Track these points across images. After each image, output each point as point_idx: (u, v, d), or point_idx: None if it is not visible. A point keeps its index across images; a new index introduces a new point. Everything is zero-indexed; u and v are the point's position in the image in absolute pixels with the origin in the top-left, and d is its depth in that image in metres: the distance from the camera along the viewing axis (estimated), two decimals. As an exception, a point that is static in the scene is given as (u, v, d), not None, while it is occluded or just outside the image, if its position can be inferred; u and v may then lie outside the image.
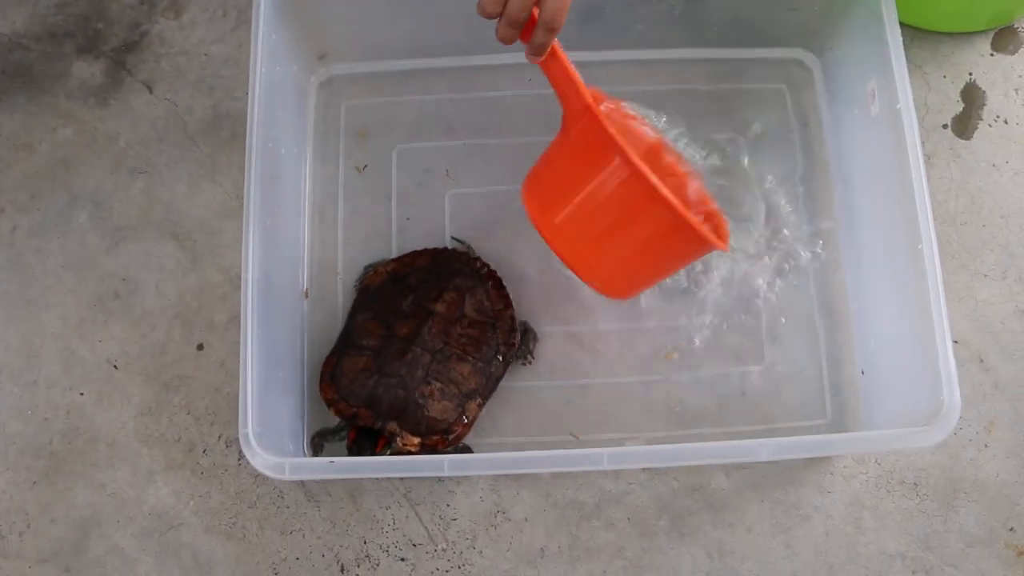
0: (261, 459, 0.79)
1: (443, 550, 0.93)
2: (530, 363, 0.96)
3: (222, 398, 0.97)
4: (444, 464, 0.78)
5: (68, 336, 0.99)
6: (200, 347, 0.99)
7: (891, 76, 0.87)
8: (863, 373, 0.94)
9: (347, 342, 0.94)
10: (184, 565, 0.93)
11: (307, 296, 0.99)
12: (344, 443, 0.92)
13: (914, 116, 0.85)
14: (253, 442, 0.79)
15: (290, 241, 0.97)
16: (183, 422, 0.97)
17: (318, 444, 0.94)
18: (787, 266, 0.98)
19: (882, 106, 0.89)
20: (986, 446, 0.94)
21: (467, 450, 0.93)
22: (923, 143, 1.01)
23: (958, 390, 0.79)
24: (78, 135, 1.05)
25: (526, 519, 0.93)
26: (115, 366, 0.99)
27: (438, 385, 0.91)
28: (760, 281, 0.98)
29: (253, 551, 0.93)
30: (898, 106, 0.86)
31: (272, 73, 0.91)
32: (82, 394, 0.98)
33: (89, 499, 0.95)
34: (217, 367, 0.98)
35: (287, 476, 0.79)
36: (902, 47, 0.88)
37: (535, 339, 0.97)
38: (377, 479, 0.94)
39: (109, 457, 0.96)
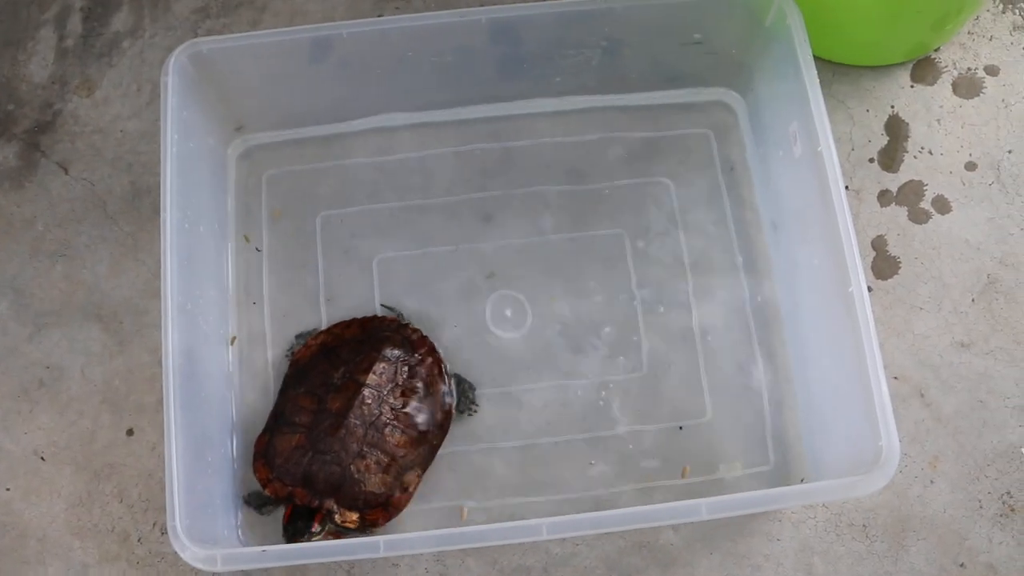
0: (191, 553, 0.77)
1: (390, 625, 0.91)
2: (474, 412, 0.95)
3: (155, 483, 0.95)
4: (380, 545, 0.76)
5: (-8, 430, 0.96)
6: (130, 432, 0.96)
7: (810, 117, 0.87)
8: (803, 419, 0.93)
9: (279, 419, 0.92)
10: (123, 661, 0.90)
11: (233, 343, 0.97)
12: (276, 510, 0.90)
13: (835, 158, 0.85)
14: (182, 535, 0.77)
15: (214, 320, 0.94)
16: (116, 511, 0.94)
17: (254, 504, 0.92)
18: (723, 313, 0.97)
19: (804, 148, 0.88)
20: (932, 482, 0.94)
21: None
22: (850, 178, 1.02)
23: (896, 436, 0.78)
24: (-6, 221, 1.03)
25: (470, 584, 0.92)
26: (42, 457, 0.96)
27: (374, 458, 0.89)
28: (695, 329, 0.97)
29: (195, 641, 0.91)
30: (819, 148, 0.85)
31: (186, 148, 0.90)
32: (8, 489, 0.95)
33: (21, 599, 0.92)
34: (148, 452, 0.96)
35: (219, 568, 0.77)
36: (819, 88, 0.88)
37: (472, 388, 0.95)
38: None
39: (39, 553, 0.93)
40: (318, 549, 0.81)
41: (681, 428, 0.94)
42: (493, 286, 0.99)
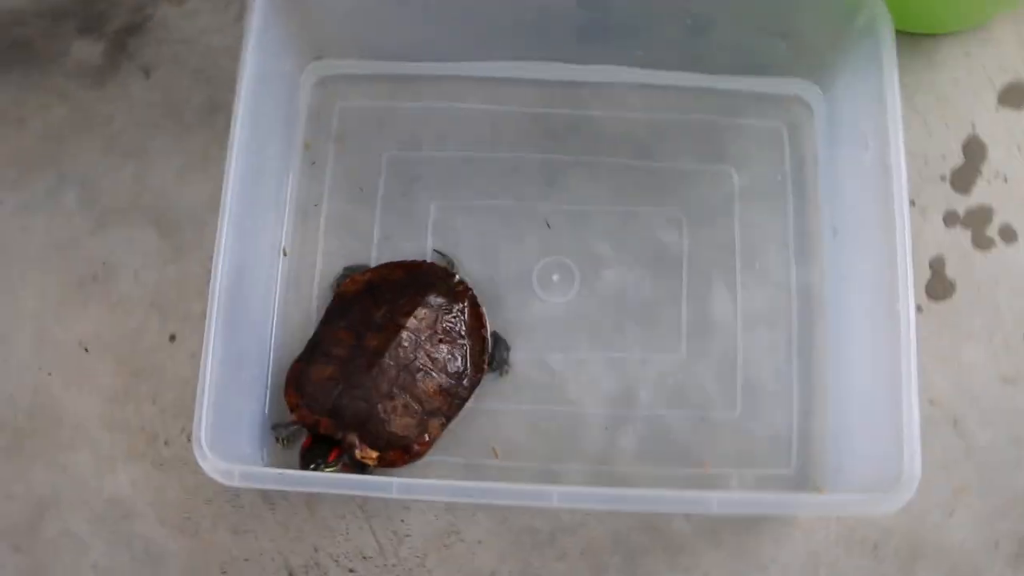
0: (211, 463, 0.79)
1: (393, 566, 0.92)
2: (506, 373, 0.95)
3: (190, 391, 0.94)
4: (392, 486, 0.78)
5: (43, 315, 0.99)
6: (173, 338, 0.99)
7: (885, 125, 0.85)
8: (831, 428, 0.93)
9: (316, 349, 0.94)
10: (135, 555, 0.93)
11: (285, 254, 0.98)
12: (298, 444, 0.92)
13: (904, 169, 0.83)
14: (204, 445, 0.79)
15: (269, 241, 0.96)
16: (148, 412, 0.97)
17: (279, 436, 0.93)
18: (767, 310, 0.97)
19: (875, 155, 0.86)
20: (952, 513, 0.92)
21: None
22: (918, 194, 1.00)
23: (919, 460, 0.77)
24: (72, 114, 1.05)
25: (479, 542, 0.93)
26: (86, 349, 0.99)
27: (402, 400, 0.91)
28: (737, 322, 0.96)
29: (204, 548, 0.93)
30: (889, 159, 0.84)
31: (264, 69, 0.91)
32: (50, 374, 0.98)
33: (48, 479, 0.95)
34: (188, 359, 0.98)
35: (236, 483, 0.79)
36: (898, 95, 0.85)
37: (507, 348, 0.96)
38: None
39: (72, 439, 0.96)
40: (333, 480, 0.83)
41: (704, 419, 0.94)
42: (545, 249, 0.99)
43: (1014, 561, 0.91)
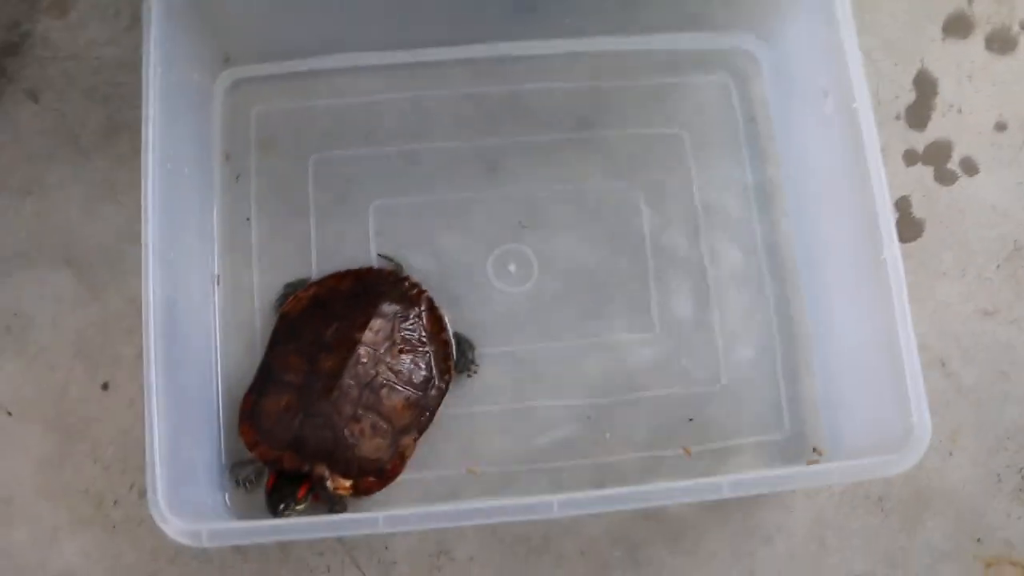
0: (173, 526, 0.71)
1: (382, 598, 0.86)
2: (475, 373, 0.89)
3: (132, 442, 0.88)
4: (379, 520, 0.71)
5: (-46, 381, 0.90)
6: (105, 386, 0.90)
7: (846, 73, 0.81)
8: (821, 386, 0.89)
9: (266, 378, 0.86)
10: (98, 632, 0.85)
11: (219, 283, 0.91)
12: (262, 483, 0.85)
13: (872, 119, 0.79)
14: (163, 507, 0.71)
15: (198, 268, 0.88)
16: (90, 472, 0.88)
17: (239, 478, 0.86)
18: (739, 274, 0.92)
19: (836, 105, 0.83)
20: (951, 455, 0.90)
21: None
22: (875, 136, 0.96)
23: (927, 414, 0.74)
24: (-47, 152, 0.95)
25: (471, 559, 0.87)
26: (9, 412, 0.89)
27: (369, 421, 0.84)
28: (710, 290, 0.92)
29: (174, 611, 0.85)
30: (854, 105, 0.80)
31: (170, 82, 0.82)
32: (-28, 446, 0.88)
33: (-16, 563, 0.86)
34: (125, 408, 0.89)
35: (204, 543, 0.71)
36: (855, 41, 0.82)
37: (471, 347, 0.90)
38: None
39: (6, 516, 0.87)
40: (311, 525, 0.75)
41: (688, 395, 0.90)
42: (497, 238, 0.93)
43: (1018, 495, 0.89)
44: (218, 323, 0.90)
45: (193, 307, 0.86)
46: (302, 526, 0.76)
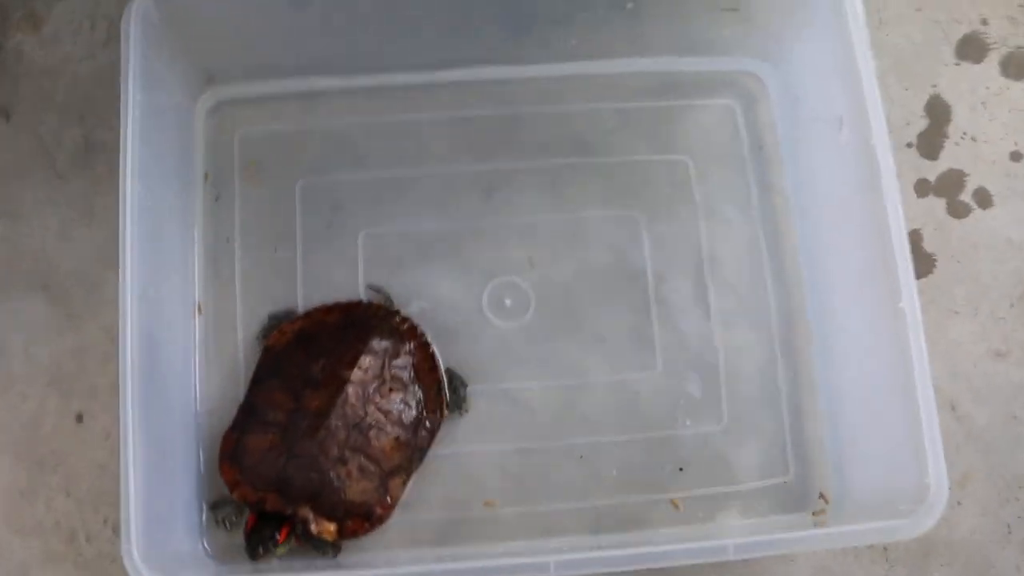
0: (147, 581, 0.67)
1: (367, 646, 0.82)
2: (466, 412, 0.85)
3: (107, 476, 0.85)
4: (366, 580, 0.68)
5: (-79, 412, 0.85)
6: (80, 418, 0.86)
7: (863, 103, 0.77)
8: (828, 429, 0.86)
9: (250, 416, 0.82)
10: None
11: (200, 312, 0.86)
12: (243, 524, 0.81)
13: (891, 154, 0.75)
14: (137, 559, 0.67)
15: (179, 301, 0.84)
16: (62, 506, 0.84)
17: (219, 517, 0.82)
18: (744, 309, 0.88)
19: (852, 136, 0.79)
20: (959, 503, 0.87)
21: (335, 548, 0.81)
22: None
23: (945, 474, 0.70)
24: (-77, 172, 0.90)
25: (461, 606, 0.83)
26: (-21, 445, 0.85)
27: (357, 463, 0.80)
28: (713, 326, 0.88)
29: (150, 658, 0.82)
30: (871, 141, 0.76)
31: (150, 105, 0.78)
32: (-61, 480, 0.84)
33: (-48, 605, 0.82)
34: (101, 440, 0.86)
35: (181, 599, 0.67)
36: (872, 71, 0.78)
37: (464, 385, 0.86)
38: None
39: (-25, 553, 0.83)
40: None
41: (690, 436, 0.86)
42: (492, 270, 0.89)
43: (1028, 546, 0.86)
44: (199, 355, 0.86)
45: (173, 338, 0.82)
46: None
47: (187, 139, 0.89)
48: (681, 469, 0.85)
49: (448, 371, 0.86)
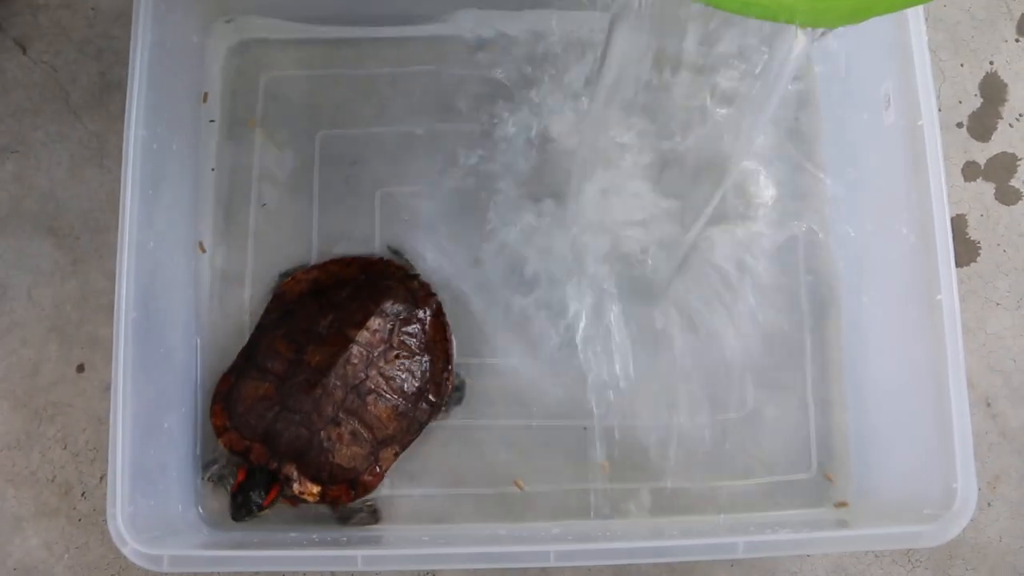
0: (132, 549, 0.65)
1: (362, 622, 0.80)
2: (459, 402, 0.82)
3: (105, 430, 0.80)
4: (357, 559, 0.65)
5: (-80, 351, 0.84)
6: (80, 368, 0.84)
7: (913, 81, 0.72)
8: (852, 424, 0.81)
9: (249, 360, 0.80)
10: (57, 631, 0.80)
11: (204, 250, 0.84)
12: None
13: (938, 137, 0.70)
14: (122, 527, 0.65)
15: (183, 255, 0.81)
16: (58, 458, 0.82)
17: (208, 475, 0.80)
18: (775, 295, 0.84)
19: (898, 116, 0.74)
20: (989, 505, 0.82)
21: (374, 515, 0.79)
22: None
23: (975, 481, 0.66)
24: (-66, 103, 0.88)
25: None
26: (-24, 388, 0.83)
27: (350, 427, 0.77)
28: (741, 310, 0.84)
29: (138, 615, 0.80)
30: (920, 122, 0.71)
31: (162, 43, 0.75)
32: (-65, 423, 0.83)
33: (-56, 549, 0.81)
34: (100, 392, 0.83)
35: (165, 569, 0.65)
36: (926, 45, 0.73)
37: (462, 381, 0.82)
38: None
39: (-32, 499, 0.82)
40: (285, 558, 0.69)
41: (711, 422, 0.82)
42: (521, 238, 0.84)
43: (1058, 557, 0.82)
44: (205, 307, 0.83)
45: (176, 291, 0.80)
46: (275, 558, 0.68)
47: (203, 82, 0.85)
48: (716, 437, 0.81)
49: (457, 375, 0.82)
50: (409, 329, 0.80)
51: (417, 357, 0.80)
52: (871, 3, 0.50)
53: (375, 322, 0.79)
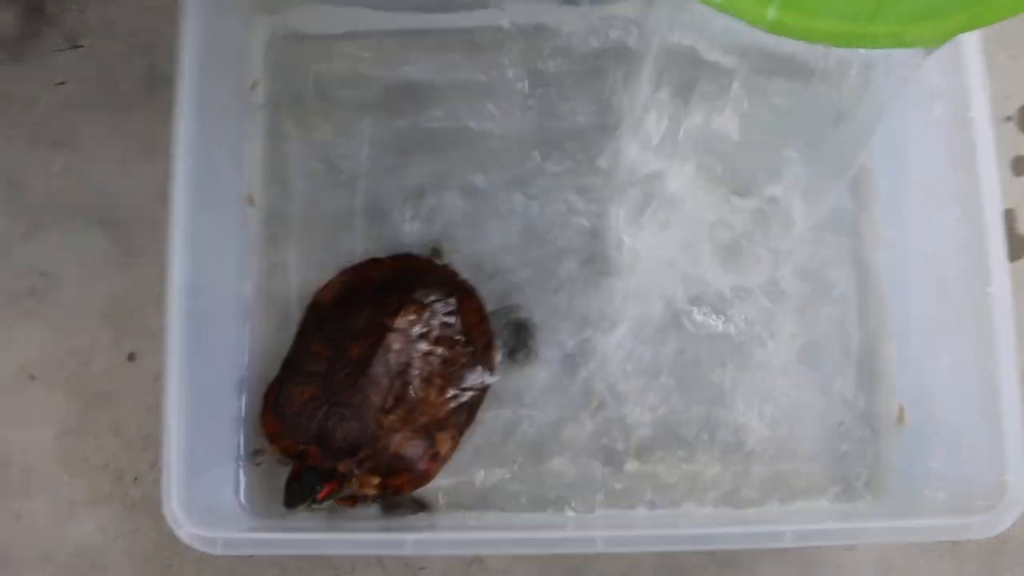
0: (187, 532, 0.66)
1: (408, 604, 0.81)
2: (522, 362, 0.82)
3: (156, 419, 0.82)
4: (407, 543, 0.65)
5: (-24, 340, 0.85)
6: (131, 357, 0.85)
7: (962, 69, 0.72)
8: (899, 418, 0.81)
9: (290, 368, 0.81)
10: (110, 615, 0.81)
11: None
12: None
13: (989, 131, 0.70)
14: (178, 512, 0.66)
15: (233, 249, 0.82)
16: (110, 445, 0.84)
17: (260, 461, 0.81)
18: (824, 284, 0.84)
19: (946, 109, 0.73)
20: (1039, 498, 0.82)
21: (419, 504, 0.79)
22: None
23: (1024, 469, 0.66)
24: (-12, 98, 0.89)
25: (504, 570, 0.81)
26: (31, 376, 0.85)
27: (401, 414, 0.78)
28: (786, 293, 0.84)
29: (190, 600, 0.81)
30: (969, 114, 0.71)
31: (209, 28, 0.76)
32: (-8, 409, 0.84)
33: (0, 533, 0.82)
34: (151, 382, 0.84)
35: (219, 551, 0.66)
36: (976, 34, 0.72)
37: (531, 335, 0.83)
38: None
39: (23, 484, 0.83)
40: (338, 541, 0.70)
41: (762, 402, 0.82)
42: (576, 231, 0.84)
43: (1109, 552, 0.81)
44: (251, 302, 0.84)
45: (224, 285, 0.81)
46: (328, 542, 0.70)
47: (251, 71, 0.86)
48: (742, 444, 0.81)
49: (514, 321, 0.83)
50: (445, 315, 0.81)
51: (459, 340, 0.80)
52: (956, 24, 0.50)
53: (411, 309, 0.80)
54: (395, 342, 0.79)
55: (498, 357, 0.82)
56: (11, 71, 0.90)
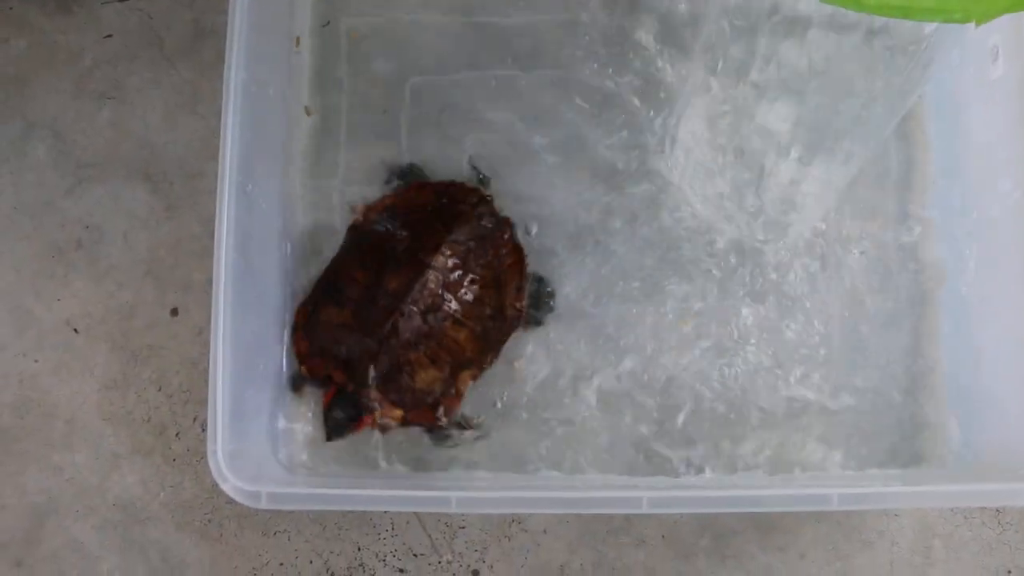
0: (232, 486, 0.66)
1: (448, 562, 0.81)
2: (545, 319, 0.82)
3: (199, 373, 0.84)
4: (451, 501, 0.65)
5: (21, 292, 0.85)
6: (174, 312, 0.85)
7: (1022, 29, 0.70)
8: (951, 386, 0.80)
9: (326, 289, 0.80)
10: (152, 566, 0.82)
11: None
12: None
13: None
14: (223, 466, 0.66)
15: (276, 204, 0.81)
16: (153, 399, 0.84)
17: (297, 387, 0.81)
18: (872, 256, 0.83)
19: (1009, 69, 0.71)
20: (1086, 469, 0.81)
21: (467, 426, 0.80)
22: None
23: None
24: (34, 49, 0.89)
25: (544, 531, 0.81)
26: (75, 329, 0.85)
27: (428, 351, 0.77)
28: (836, 265, 0.82)
29: (230, 553, 0.82)
30: (1032, 74, 0.69)
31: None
32: (37, 361, 0.84)
33: (44, 484, 0.83)
34: (194, 336, 0.85)
35: (263, 505, 0.67)
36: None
37: (551, 294, 0.82)
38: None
39: (67, 436, 0.84)
40: (380, 498, 0.70)
41: (802, 372, 0.81)
42: (605, 185, 0.84)
43: None
44: (296, 256, 0.84)
45: (269, 237, 0.80)
46: (371, 498, 0.70)
47: (296, 27, 0.86)
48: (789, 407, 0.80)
49: (536, 275, 0.82)
50: (484, 253, 0.80)
51: (492, 282, 0.80)
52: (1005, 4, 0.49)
53: (451, 247, 0.79)
54: (432, 280, 0.78)
55: (525, 300, 0.81)
56: (58, 23, 0.89)
